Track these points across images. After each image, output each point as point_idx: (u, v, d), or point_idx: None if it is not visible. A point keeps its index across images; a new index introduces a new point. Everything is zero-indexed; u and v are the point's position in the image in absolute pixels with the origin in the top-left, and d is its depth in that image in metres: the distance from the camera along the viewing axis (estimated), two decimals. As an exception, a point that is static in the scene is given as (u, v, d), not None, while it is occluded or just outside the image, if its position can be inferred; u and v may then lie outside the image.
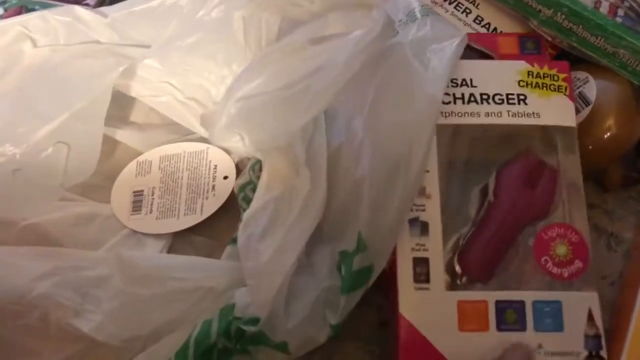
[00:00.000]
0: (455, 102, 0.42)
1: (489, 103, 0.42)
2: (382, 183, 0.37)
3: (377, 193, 0.37)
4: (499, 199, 0.41)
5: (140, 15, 0.47)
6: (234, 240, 0.39)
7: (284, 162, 0.39)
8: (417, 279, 0.38)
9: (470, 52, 0.46)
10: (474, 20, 0.49)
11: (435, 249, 0.39)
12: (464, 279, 0.39)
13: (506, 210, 0.40)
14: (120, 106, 0.50)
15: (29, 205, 0.45)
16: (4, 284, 0.38)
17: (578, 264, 0.39)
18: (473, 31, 0.48)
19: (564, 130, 0.42)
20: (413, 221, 0.39)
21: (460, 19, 0.49)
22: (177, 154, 0.48)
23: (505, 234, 0.40)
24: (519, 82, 0.43)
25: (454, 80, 0.42)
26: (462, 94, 0.42)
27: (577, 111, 0.45)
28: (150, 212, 0.46)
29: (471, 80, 0.42)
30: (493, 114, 0.42)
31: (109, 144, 0.49)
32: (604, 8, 0.45)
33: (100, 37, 0.47)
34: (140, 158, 0.49)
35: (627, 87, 0.45)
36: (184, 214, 0.45)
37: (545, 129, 0.42)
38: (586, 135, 0.44)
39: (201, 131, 0.48)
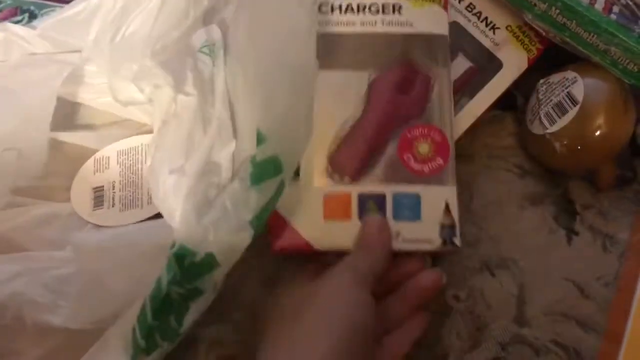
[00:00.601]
0: (332, 12, 0.44)
1: (364, 13, 0.43)
2: (272, 81, 0.38)
3: (270, 90, 0.38)
4: (372, 103, 0.42)
5: (67, 22, 0.48)
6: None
7: (167, 92, 0.41)
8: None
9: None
10: (465, 8, 0.49)
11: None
12: (335, 176, 0.41)
13: (377, 114, 0.42)
14: (69, 112, 0.51)
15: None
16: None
17: (439, 161, 0.41)
18: (464, 18, 0.48)
19: (436, 38, 0.43)
20: None
21: (452, 4, 0.48)
22: (134, 147, 0.48)
23: (376, 136, 0.41)
24: None
25: (332, -9, 0.44)
26: (340, 5, 0.44)
27: (565, 111, 0.44)
28: (113, 206, 0.46)
29: None
30: (368, 23, 0.43)
31: (65, 147, 0.49)
32: (600, 4, 0.44)
33: (36, 49, 0.48)
34: (97, 155, 0.49)
35: (616, 85, 0.44)
36: (148, 203, 0.45)
37: (421, 37, 0.43)
38: (576, 135, 0.44)
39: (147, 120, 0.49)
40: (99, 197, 0.46)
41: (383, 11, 0.44)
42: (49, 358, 0.39)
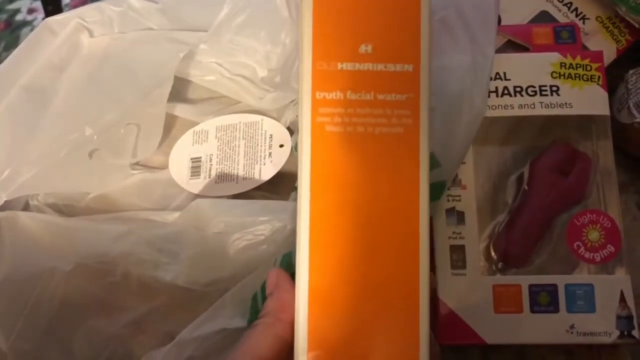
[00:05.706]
0: (489, 96, 0.43)
1: (522, 95, 0.43)
2: (448, 111, 0.40)
3: (445, 119, 0.39)
4: (532, 187, 0.42)
5: (189, 0, 0.48)
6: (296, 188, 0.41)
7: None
8: (454, 265, 0.41)
9: (507, 44, 0.47)
10: (556, -3, 0.50)
11: (471, 237, 0.41)
12: (500, 264, 0.41)
13: (539, 199, 0.42)
14: (175, 86, 0.50)
15: (101, 181, 0.47)
16: (89, 245, 0.41)
17: (610, 248, 0.41)
18: (554, 8, 0.49)
19: (597, 118, 0.43)
20: (449, 211, 0.42)
21: (543, -6, 0.49)
22: (232, 125, 0.49)
23: (539, 222, 0.42)
24: (551, 74, 0.43)
25: (488, 75, 0.43)
26: (496, 87, 0.43)
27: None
28: (209, 177, 0.47)
29: (505, 73, 0.43)
30: (526, 106, 0.43)
31: (167, 118, 0.50)
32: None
33: (152, 24, 0.48)
34: (197, 128, 0.50)
35: None
36: (243, 179, 0.47)
37: (580, 117, 0.43)
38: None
39: (250, 101, 0.49)
40: (196, 167, 0.48)
41: (541, 93, 0.43)
42: (154, 315, 0.41)
